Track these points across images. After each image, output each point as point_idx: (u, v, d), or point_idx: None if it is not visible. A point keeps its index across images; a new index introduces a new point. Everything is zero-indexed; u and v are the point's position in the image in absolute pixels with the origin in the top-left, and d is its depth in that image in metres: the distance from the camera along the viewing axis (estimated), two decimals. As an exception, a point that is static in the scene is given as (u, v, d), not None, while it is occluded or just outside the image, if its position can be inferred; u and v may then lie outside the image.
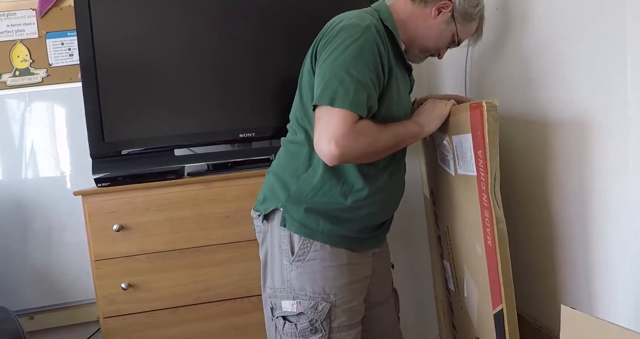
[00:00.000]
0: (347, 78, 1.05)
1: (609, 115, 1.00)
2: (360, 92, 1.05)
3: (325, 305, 1.14)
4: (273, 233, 1.19)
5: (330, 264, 1.15)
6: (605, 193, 1.03)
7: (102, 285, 1.49)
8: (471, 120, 1.06)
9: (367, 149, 1.08)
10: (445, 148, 1.23)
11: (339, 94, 1.04)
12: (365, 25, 1.09)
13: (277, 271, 1.18)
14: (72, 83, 1.84)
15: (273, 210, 1.18)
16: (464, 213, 1.20)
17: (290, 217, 1.16)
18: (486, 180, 1.03)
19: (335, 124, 1.03)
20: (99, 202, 1.50)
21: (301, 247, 1.15)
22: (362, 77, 1.05)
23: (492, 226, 1.04)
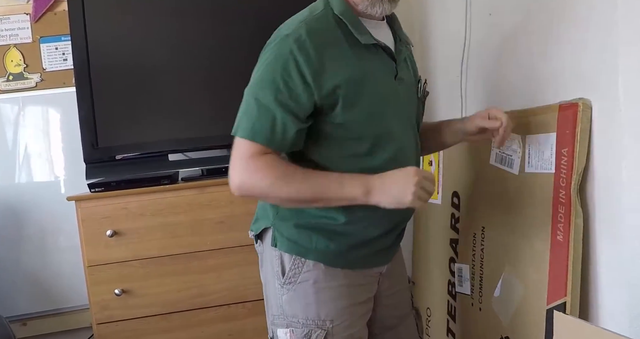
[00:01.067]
0: (251, 103, 0.97)
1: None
2: (263, 118, 0.95)
3: (319, 333, 1.02)
4: (265, 254, 1.09)
5: (325, 285, 1.03)
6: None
7: (96, 291, 1.49)
8: (559, 120, 1.10)
9: (267, 191, 0.97)
10: (511, 148, 1.24)
11: (241, 122, 0.97)
12: (284, 35, 0.98)
13: (272, 296, 1.08)
14: (66, 88, 1.84)
15: (264, 229, 1.09)
16: (520, 212, 1.21)
17: (281, 235, 1.05)
18: (568, 177, 1.07)
19: (234, 155, 0.97)
20: (92, 207, 1.49)
21: (292, 268, 1.04)
22: (266, 101, 0.95)
23: (567, 221, 1.07)
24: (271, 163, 0.96)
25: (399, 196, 0.95)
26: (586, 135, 1.06)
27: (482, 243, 1.35)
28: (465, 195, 1.45)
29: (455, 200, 1.49)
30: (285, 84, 0.95)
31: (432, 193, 0.99)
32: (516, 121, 1.23)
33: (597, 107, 1.04)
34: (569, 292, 1.06)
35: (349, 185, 0.97)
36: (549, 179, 1.13)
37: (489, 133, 1.13)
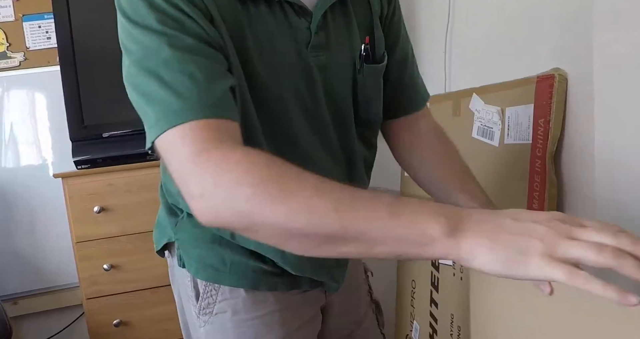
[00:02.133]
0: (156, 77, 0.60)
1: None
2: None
3: None
4: (174, 274, 0.86)
5: (247, 316, 0.77)
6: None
7: (84, 267, 1.51)
8: (536, 91, 1.11)
9: (264, 218, 0.52)
10: (491, 120, 1.26)
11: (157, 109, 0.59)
12: None
13: (190, 323, 0.83)
14: (50, 67, 1.83)
15: (166, 243, 0.84)
16: (500, 182, 1.23)
17: (186, 254, 0.79)
18: (544, 146, 1.09)
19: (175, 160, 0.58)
20: (79, 184, 1.50)
21: (204, 296, 0.78)
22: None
23: (542, 190, 1.09)
24: (252, 154, 0.56)
25: (516, 252, 0.47)
26: (561, 106, 1.08)
27: (464, 215, 1.38)
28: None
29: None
30: (154, 14, 0.61)
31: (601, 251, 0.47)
32: (497, 94, 1.26)
33: (573, 79, 1.07)
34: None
35: (418, 210, 0.51)
36: (526, 149, 1.15)
37: None
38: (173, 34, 0.61)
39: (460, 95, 1.42)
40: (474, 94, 1.35)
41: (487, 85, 1.31)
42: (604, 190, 1.00)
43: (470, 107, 1.36)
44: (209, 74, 0.61)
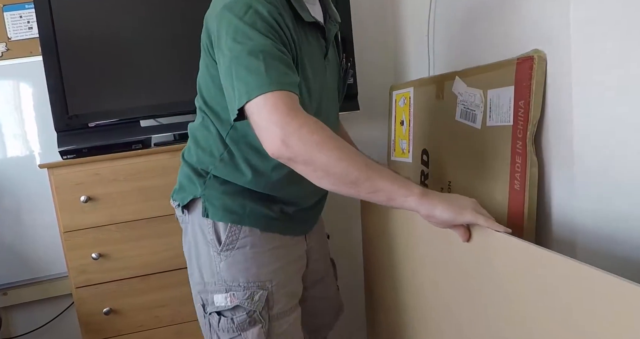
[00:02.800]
0: (245, 60, 0.90)
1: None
2: (272, 64, 0.90)
3: (262, 293, 1.05)
4: (195, 225, 1.09)
5: (262, 249, 1.07)
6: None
7: (73, 256, 1.51)
8: (517, 73, 1.13)
9: (326, 160, 0.86)
10: (474, 103, 1.27)
11: (249, 82, 0.88)
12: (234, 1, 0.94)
13: (206, 264, 1.08)
14: (33, 57, 1.81)
15: (192, 199, 1.08)
16: (483, 164, 1.25)
17: (212, 205, 1.05)
18: (524, 127, 1.11)
19: (265, 116, 0.86)
20: (65, 174, 1.50)
21: (229, 235, 1.05)
22: (261, 47, 0.90)
23: (523, 171, 1.11)
24: (321, 124, 0.87)
25: (459, 206, 0.91)
26: (541, 86, 1.10)
27: (448, 197, 1.40)
28: (433, 152, 1.49)
29: (425, 158, 1.53)
30: (266, 27, 0.91)
31: (489, 223, 0.90)
32: (478, 76, 1.27)
33: (551, 59, 1.08)
34: (524, 238, 1.11)
35: (405, 180, 0.91)
36: (507, 131, 1.17)
37: None
38: (273, 39, 0.92)
39: (443, 78, 1.43)
40: (456, 77, 1.36)
41: (469, 68, 1.32)
42: (584, 169, 1.02)
43: (453, 90, 1.37)
44: (291, 69, 0.92)
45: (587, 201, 1.02)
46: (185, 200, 1.08)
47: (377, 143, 1.87)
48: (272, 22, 0.92)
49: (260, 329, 1.05)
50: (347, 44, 1.69)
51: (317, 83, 1.05)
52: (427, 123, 1.53)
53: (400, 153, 1.66)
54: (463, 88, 1.33)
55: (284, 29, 0.95)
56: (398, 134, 1.67)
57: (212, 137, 1.06)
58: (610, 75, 0.98)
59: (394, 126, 1.70)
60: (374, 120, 1.87)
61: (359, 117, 1.81)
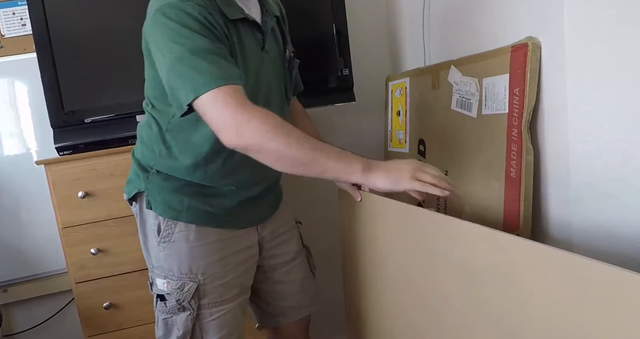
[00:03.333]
0: (186, 61, 0.97)
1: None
2: (210, 62, 0.97)
3: (191, 285, 1.13)
4: (142, 215, 1.18)
5: (196, 244, 1.14)
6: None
7: (72, 252, 1.51)
8: (511, 61, 1.13)
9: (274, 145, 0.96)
10: (469, 92, 1.27)
11: (193, 81, 0.96)
12: (166, 4, 1.01)
13: (152, 250, 1.18)
14: (27, 54, 1.81)
15: (137, 192, 1.17)
16: (479, 153, 1.25)
17: (154, 199, 1.15)
18: (520, 115, 1.11)
19: (216, 110, 0.96)
20: (61, 170, 1.50)
21: (165, 229, 1.14)
22: (197, 47, 0.98)
23: (519, 158, 1.12)
24: (270, 114, 0.97)
25: (397, 176, 1.00)
26: (535, 74, 1.09)
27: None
28: (430, 142, 1.49)
29: (421, 148, 1.53)
30: (200, 26, 0.98)
31: (435, 180, 0.99)
32: (474, 65, 1.26)
33: (546, 46, 1.07)
34: (521, 225, 1.12)
35: (350, 157, 1.01)
36: (502, 119, 1.17)
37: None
38: (208, 37, 0.99)
39: (439, 68, 1.43)
40: (452, 66, 1.35)
41: (464, 57, 1.32)
42: (578, 156, 1.02)
43: (449, 79, 1.37)
44: (231, 63, 1.00)
45: (582, 188, 1.02)
46: (131, 193, 1.18)
47: (374, 134, 1.88)
48: (203, 21, 0.99)
49: (188, 316, 1.14)
50: (341, 35, 1.68)
51: (252, 75, 1.10)
52: (423, 113, 1.53)
53: (397, 143, 1.66)
54: (458, 77, 1.33)
55: (216, 26, 1.01)
56: (395, 125, 1.67)
57: (153, 134, 1.15)
58: (604, 62, 0.98)
59: (390, 117, 1.70)
60: (371, 111, 1.87)
61: (355, 109, 1.80)
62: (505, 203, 1.16)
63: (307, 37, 1.66)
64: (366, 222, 1.23)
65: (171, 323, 1.16)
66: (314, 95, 1.67)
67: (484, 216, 1.23)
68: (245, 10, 1.11)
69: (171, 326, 1.16)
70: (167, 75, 0.99)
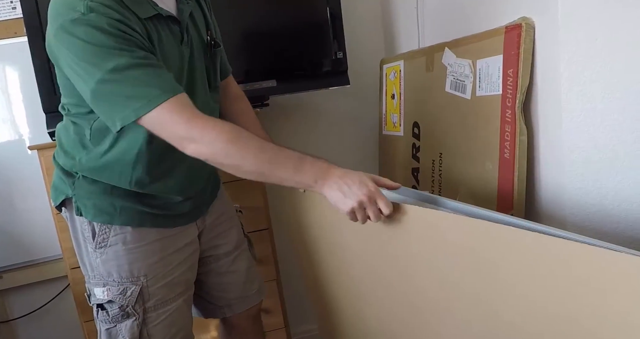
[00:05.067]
0: (115, 81, 0.90)
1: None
2: (145, 76, 0.92)
3: (134, 289, 1.09)
4: (73, 221, 1.12)
5: (135, 246, 1.09)
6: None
7: (66, 237, 1.48)
8: (505, 42, 1.13)
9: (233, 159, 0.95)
10: (463, 74, 1.27)
11: (130, 101, 0.91)
12: (68, 20, 0.90)
13: (85, 258, 1.13)
14: (18, 38, 1.78)
15: (65, 199, 1.11)
16: (473, 134, 1.26)
17: (83, 205, 1.08)
18: (514, 96, 1.11)
19: (166, 126, 0.93)
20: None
21: (100, 234, 1.08)
22: (124, 64, 0.90)
23: (512, 139, 1.12)
24: (220, 123, 0.96)
25: (342, 199, 0.94)
26: (529, 54, 1.09)
27: (440, 168, 1.40)
28: (424, 125, 1.49)
29: (416, 131, 1.53)
30: (115, 40, 0.89)
31: (375, 218, 0.93)
32: (467, 46, 1.26)
33: (540, 27, 1.07)
34: (515, 205, 1.12)
35: (307, 166, 0.96)
36: (496, 100, 1.17)
37: None
38: (127, 49, 0.90)
39: (433, 50, 1.42)
40: (445, 48, 1.35)
41: (458, 39, 1.32)
42: (572, 136, 1.02)
43: (443, 61, 1.36)
44: (161, 69, 0.94)
45: (576, 167, 1.03)
46: (58, 200, 1.12)
47: (368, 118, 1.88)
48: (117, 33, 0.90)
49: (134, 321, 1.10)
50: (335, 18, 1.67)
51: (174, 73, 1.01)
52: (417, 96, 1.53)
53: (391, 127, 1.66)
54: (452, 59, 1.32)
55: (133, 33, 0.92)
56: (389, 108, 1.67)
57: (72, 140, 1.08)
58: (598, 41, 0.98)
59: (384, 100, 1.70)
60: (365, 95, 1.87)
61: (349, 92, 1.80)
62: (499, 184, 1.16)
63: (301, 20, 1.65)
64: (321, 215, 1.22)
65: (115, 332, 1.11)
66: (309, 78, 1.67)
67: (478, 196, 1.23)
68: (158, 4, 1.02)
69: (115, 336, 1.12)
70: (93, 101, 0.93)
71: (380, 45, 1.91)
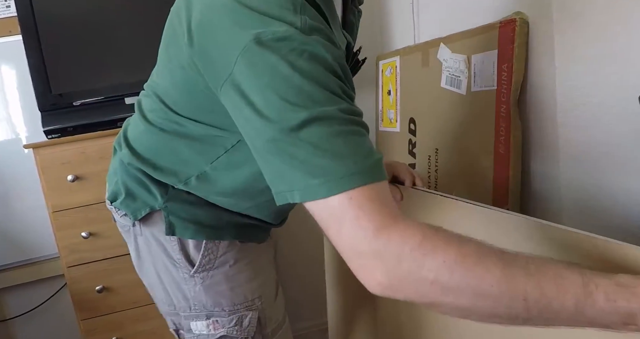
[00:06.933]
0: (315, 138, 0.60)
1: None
2: (352, 144, 0.60)
3: (252, 315, 0.89)
4: (151, 240, 0.88)
5: (245, 262, 0.89)
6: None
7: (63, 236, 1.50)
8: (500, 37, 1.12)
9: (474, 301, 0.54)
10: (458, 69, 1.26)
11: (314, 170, 0.59)
12: (278, 34, 0.60)
13: (173, 287, 0.89)
14: (12, 36, 1.78)
15: (150, 212, 0.86)
16: (469, 130, 1.25)
17: (179, 219, 0.84)
18: (508, 91, 1.10)
19: (342, 231, 0.58)
20: (50, 154, 1.48)
21: (205, 254, 0.86)
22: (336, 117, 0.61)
23: (507, 134, 1.11)
24: (448, 235, 0.57)
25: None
26: (523, 49, 1.09)
27: (436, 164, 1.40)
28: (420, 121, 1.49)
29: (412, 126, 1.53)
30: (334, 81, 0.61)
31: None
32: (462, 42, 1.26)
33: (534, 21, 1.07)
34: (510, 201, 1.12)
35: (603, 296, 0.51)
36: (491, 95, 1.17)
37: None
38: (345, 98, 0.62)
39: (428, 45, 1.42)
40: (441, 44, 1.35)
41: (453, 34, 1.31)
42: (567, 130, 1.02)
43: (438, 56, 1.36)
44: (367, 140, 0.62)
45: (571, 162, 1.02)
46: (140, 214, 0.86)
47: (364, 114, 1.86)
48: (338, 71, 0.63)
49: None
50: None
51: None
52: (413, 92, 1.52)
53: (388, 123, 1.65)
54: (448, 54, 1.32)
55: (347, 75, 0.66)
56: (385, 104, 1.66)
57: (177, 161, 0.83)
58: (591, 35, 0.98)
59: (381, 96, 1.69)
60: (361, 91, 1.85)
61: (345, 89, 1.79)
62: (494, 179, 1.16)
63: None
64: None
65: None
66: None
67: (474, 192, 1.23)
68: (342, 24, 0.77)
69: None
70: (269, 156, 0.62)
71: (376, 41, 1.91)
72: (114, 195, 0.90)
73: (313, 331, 1.85)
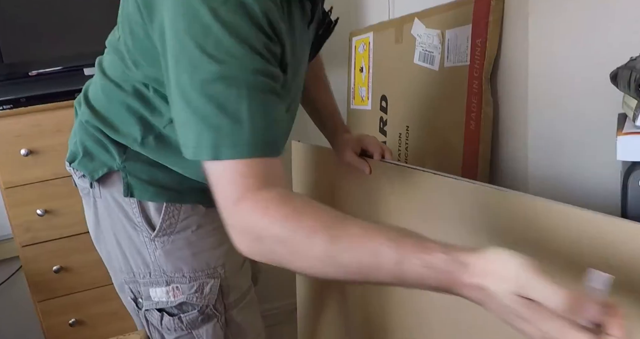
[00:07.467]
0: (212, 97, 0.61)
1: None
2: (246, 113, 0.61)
3: (213, 283, 0.86)
4: (110, 202, 0.84)
5: (209, 228, 0.86)
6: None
7: (16, 213, 1.43)
8: (475, 11, 1.09)
9: (309, 262, 0.58)
10: (432, 45, 1.23)
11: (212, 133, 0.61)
12: None
13: (133, 251, 0.86)
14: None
15: (106, 173, 0.83)
16: (440, 106, 1.23)
17: (138, 180, 0.81)
18: (481, 66, 1.08)
19: (223, 190, 0.62)
20: (2, 126, 1.39)
21: (166, 217, 0.83)
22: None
23: (478, 110, 1.09)
24: (307, 206, 0.59)
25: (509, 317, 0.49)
26: (497, 25, 1.07)
27: (407, 142, 1.38)
28: (392, 98, 1.46)
29: (384, 104, 1.50)
30: (257, 36, 0.60)
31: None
32: (437, 16, 1.22)
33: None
34: (479, 177, 1.11)
35: (420, 261, 0.52)
36: (464, 71, 1.15)
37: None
38: (266, 56, 0.61)
39: (402, 21, 1.39)
40: (415, 19, 1.31)
41: (428, 9, 1.28)
42: (537, 107, 1.00)
43: (412, 32, 1.33)
44: (279, 112, 0.64)
45: (539, 140, 1.01)
46: (97, 174, 0.83)
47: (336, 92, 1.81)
48: (265, 26, 0.60)
49: (216, 323, 0.87)
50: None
51: (298, 76, 0.79)
52: (386, 69, 1.49)
53: (359, 101, 1.62)
54: (422, 29, 1.29)
55: (278, 31, 0.63)
56: (357, 81, 1.63)
57: (124, 115, 0.80)
58: (566, 13, 0.96)
59: (353, 73, 1.66)
60: (334, 69, 1.81)
61: (317, 66, 1.74)
62: (464, 155, 1.15)
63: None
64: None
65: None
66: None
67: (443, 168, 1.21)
68: None
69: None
70: (179, 103, 0.62)
71: (350, 17, 1.86)
72: (73, 156, 0.88)
73: (282, 311, 1.83)
